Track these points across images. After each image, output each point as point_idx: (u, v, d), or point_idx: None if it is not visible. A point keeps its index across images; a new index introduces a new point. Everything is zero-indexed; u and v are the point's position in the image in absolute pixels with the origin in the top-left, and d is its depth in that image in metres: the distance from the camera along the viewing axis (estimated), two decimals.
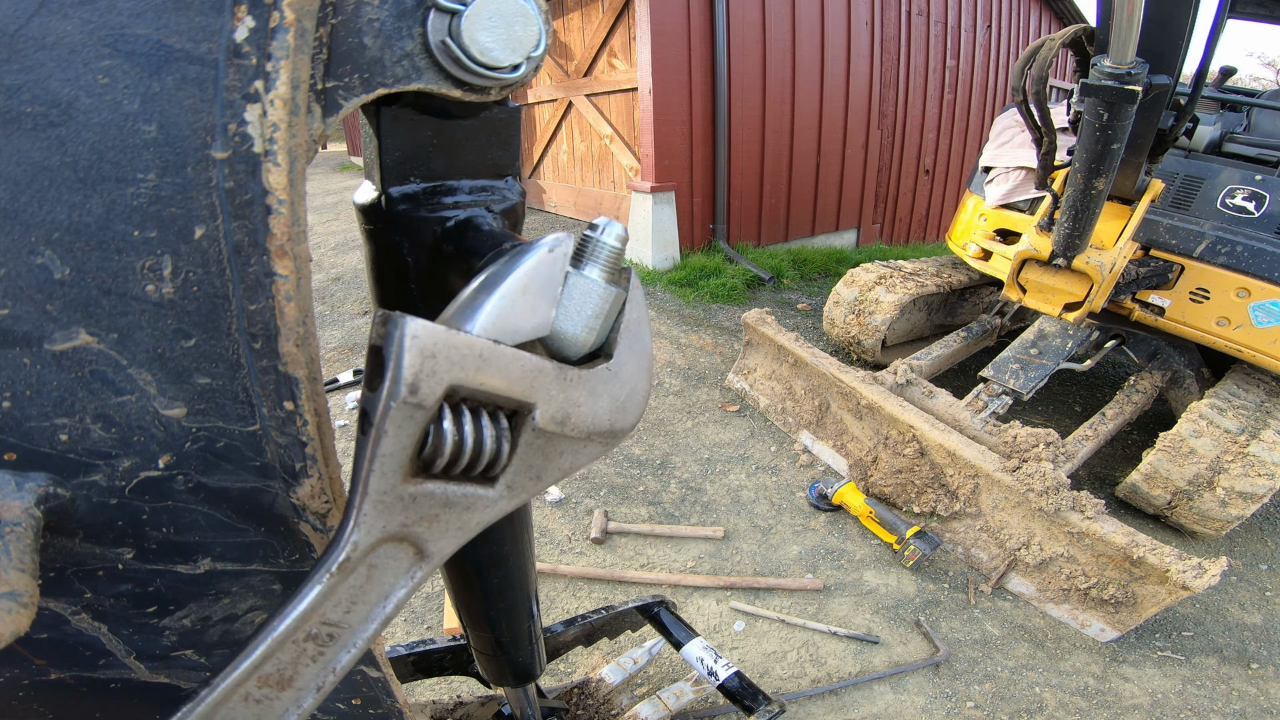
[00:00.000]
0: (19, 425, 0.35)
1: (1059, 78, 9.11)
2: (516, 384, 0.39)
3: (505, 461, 0.41)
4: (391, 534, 0.40)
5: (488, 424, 0.40)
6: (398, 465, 0.37)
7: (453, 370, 0.36)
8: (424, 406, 0.35)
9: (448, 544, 0.42)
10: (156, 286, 0.35)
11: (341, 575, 0.39)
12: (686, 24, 5.58)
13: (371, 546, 0.39)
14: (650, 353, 0.48)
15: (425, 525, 0.40)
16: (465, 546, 0.77)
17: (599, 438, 0.45)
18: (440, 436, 0.38)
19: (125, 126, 0.32)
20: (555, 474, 0.44)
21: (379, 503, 0.38)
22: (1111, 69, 1.98)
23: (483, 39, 0.39)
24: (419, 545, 0.41)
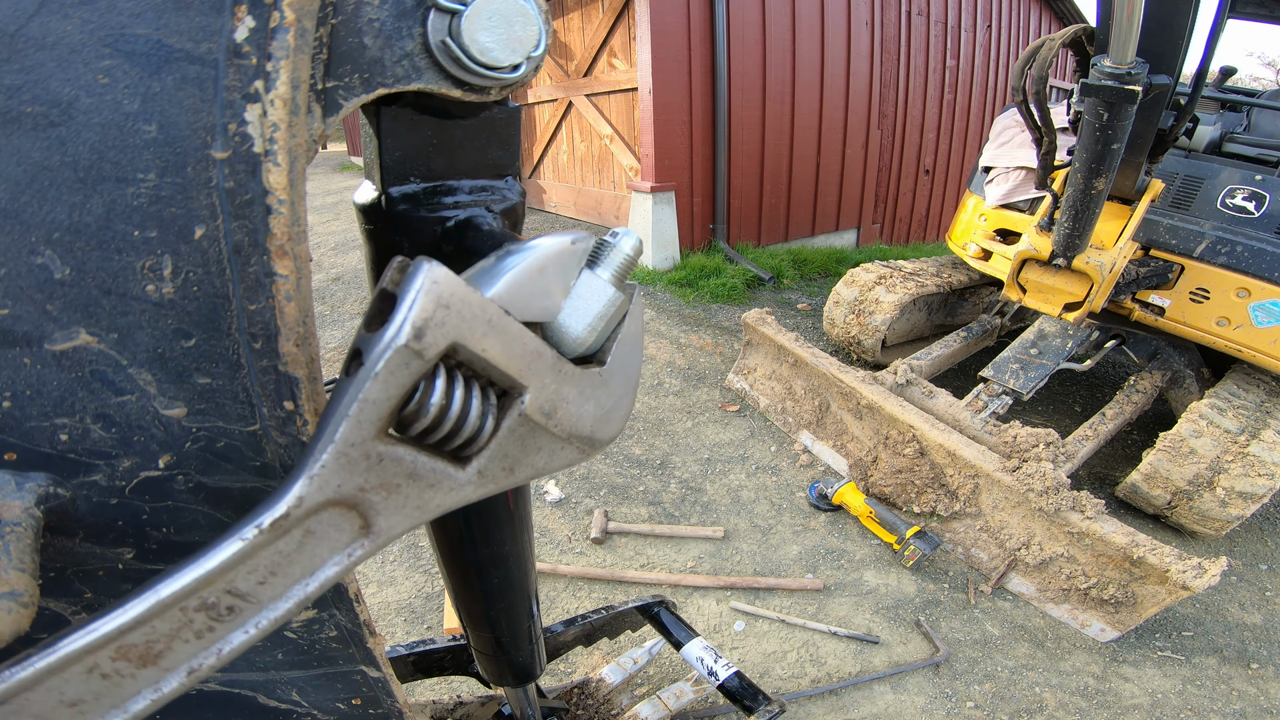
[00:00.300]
0: (19, 425, 0.35)
1: (1059, 78, 9.11)
2: (515, 361, 0.38)
3: (484, 442, 0.39)
4: (344, 497, 0.35)
5: (477, 396, 0.38)
6: (377, 417, 0.34)
7: (461, 327, 0.35)
8: (423, 357, 0.34)
9: (399, 523, 0.38)
10: (157, 286, 0.35)
11: (273, 534, 0.34)
12: (686, 24, 5.58)
13: (317, 507, 0.35)
14: (639, 371, 0.47)
15: (383, 495, 0.36)
16: (465, 546, 0.77)
17: (578, 442, 0.44)
18: (429, 393, 0.35)
19: (125, 126, 0.32)
20: (527, 471, 0.42)
21: (343, 455, 0.34)
22: (1111, 69, 1.98)
23: (483, 39, 0.39)
24: (368, 517, 0.37)
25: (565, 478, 3.26)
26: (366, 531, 0.37)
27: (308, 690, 0.58)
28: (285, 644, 0.54)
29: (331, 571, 0.37)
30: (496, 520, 0.75)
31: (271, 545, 0.34)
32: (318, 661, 0.56)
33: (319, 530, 0.36)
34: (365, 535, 0.37)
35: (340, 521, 0.36)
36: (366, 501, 0.36)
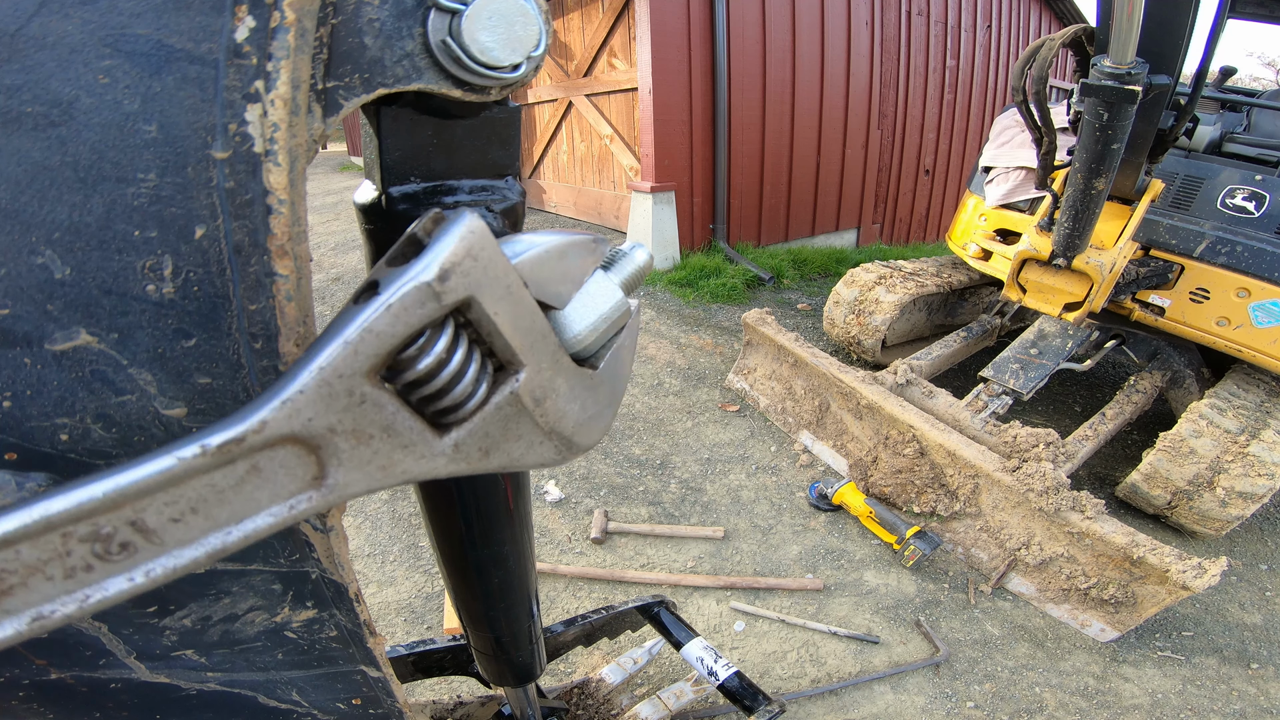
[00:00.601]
0: (20, 425, 0.35)
1: (1059, 78, 9.11)
2: (521, 335, 0.37)
3: (469, 413, 0.37)
4: (310, 434, 0.31)
5: (475, 361, 0.36)
6: (375, 351, 0.32)
7: (483, 283, 0.34)
8: (440, 301, 0.33)
9: (357, 481, 0.34)
10: (157, 286, 0.35)
11: (216, 459, 0.29)
12: (686, 24, 5.58)
13: (278, 439, 0.31)
14: (625, 387, 0.47)
15: (351, 442, 0.33)
16: (465, 546, 0.77)
17: (557, 440, 0.42)
18: (433, 341, 0.34)
19: (126, 126, 0.32)
20: (501, 458, 0.40)
21: (327, 385, 0.31)
22: (1111, 69, 1.99)
23: (483, 39, 0.39)
24: (325, 466, 0.33)
25: (565, 478, 3.26)
26: (319, 483, 0.33)
27: (308, 690, 0.58)
28: (285, 644, 0.54)
29: (264, 523, 0.31)
30: (496, 520, 0.75)
31: (207, 474, 0.29)
32: (318, 661, 0.56)
33: (267, 468, 0.31)
34: (316, 487, 0.33)
35: (294, 463, 0.32)
36: (331, 446, 0.32)
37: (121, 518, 0.27)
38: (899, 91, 8.04)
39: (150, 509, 0.28)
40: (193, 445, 0.28)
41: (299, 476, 0.32)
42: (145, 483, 0.27)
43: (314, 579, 0.50)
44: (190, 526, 0.29)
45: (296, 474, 0.32)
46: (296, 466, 0.32)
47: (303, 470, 0.32)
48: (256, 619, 0.50)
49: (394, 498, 3.02)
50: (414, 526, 2.86)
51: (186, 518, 0.29)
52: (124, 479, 0.27)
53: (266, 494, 0.31)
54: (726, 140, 6.20)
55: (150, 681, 0.49)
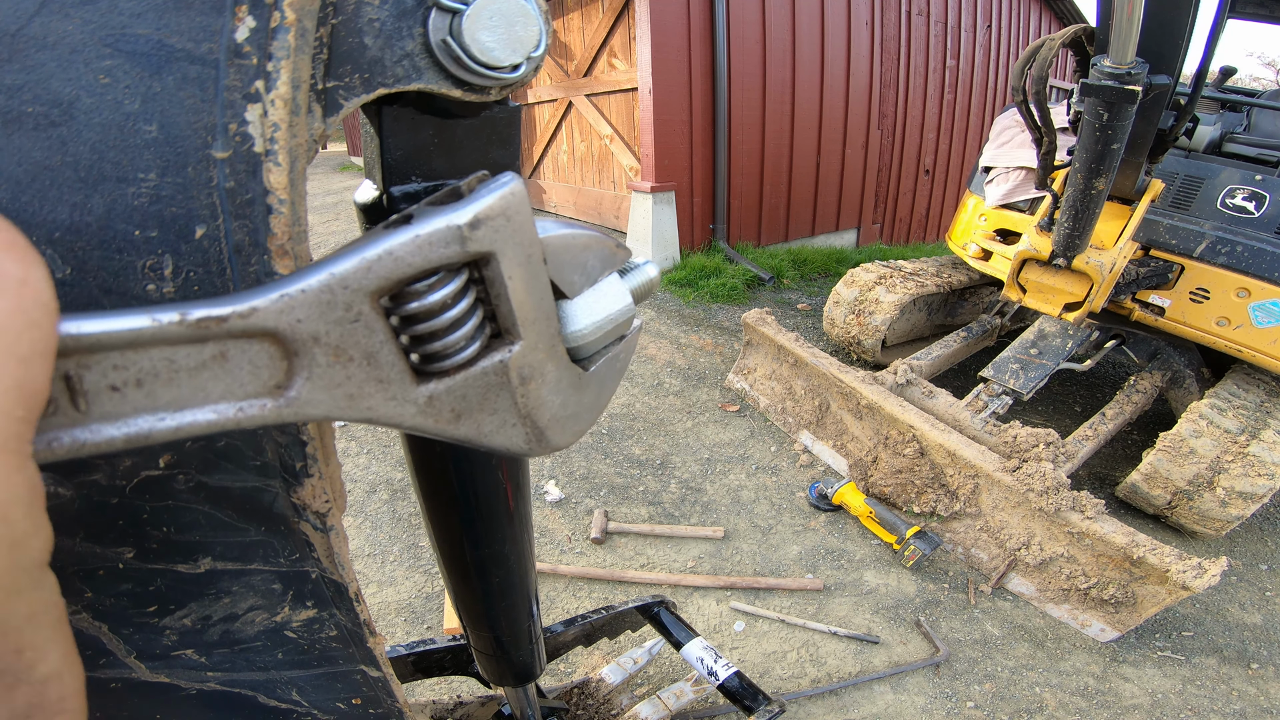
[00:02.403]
0: None
1: (1059, 78, 9.11)
2: (528, 307, 0.37)
3: (454, 367, 0.36)
4: (293, 336, 0.29)
5: (476, 318, 0.36)
6: (388, 274, 0.31)
7: (508, 243, 0.34)
8: (464, 247, 0.32)
9: (318, 403, 0.31)
10: (157, 286, 0.35)
11: (191, 331, 0.27)
12: (686, 24, 5.59)
13: (261, 331, 0.29)
14: (608, 399, 0.46)
15: (328, 359, 0.31)
16: (465, 546, 0.77)
17: (530, 429, 0.40)
18: (445, 282, 0.33)
19: (126, 126, 0.32)
20: (469, 428, 0.37)
21: (330, 291, 0.30)
22: (1111, 69, 1.99)
23: (483, 39, 0.39)
24: (293, 374, 0.30)
25: (565, 478, 3.26)
26: (278, 392, 0.30)
27: (308, 690, 0.58)
28: (285, 644, 0.54)
29: (203, 418, 0.28)
30: (496, 520, 0.75)
31: (172, 347, 0.27)
32: (318, 661, 0.56)
33: (234, 359, 0.29)
34: (274, 396, 0.30)
35: (263, 363, 0.30)
36: (308, 355, 0.30)
37: (60, 368, 0.25)
38: (899, 91, 8.04)
39: (96, 367, 0.25)
40: (171, 312, 0.26)
41: (261, 379, 0.30)
42: (107, 335, 0.25)
43: (314, 579, 0.50)
44: (125, 400, 0.26)
45: (260, 375, 0.30)
46: (264, 367, 0.30)
47: (268, 373, 0.30)
48: (256, 619, 0.50)
49: (394, 497, 3.03)
50: (414, 526, 2.86)
51: (127, 389, 0.26)
52: (86, 325, 0.25)
53: (221, 387, 0.29)
54: (726, 140, 6.20)
55: (150, 681, 0.49)
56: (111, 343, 0.25)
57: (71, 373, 0.25)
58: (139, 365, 0.26)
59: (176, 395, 0.28)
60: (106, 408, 0.26)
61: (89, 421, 0.26)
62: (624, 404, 3.97)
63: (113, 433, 0.26)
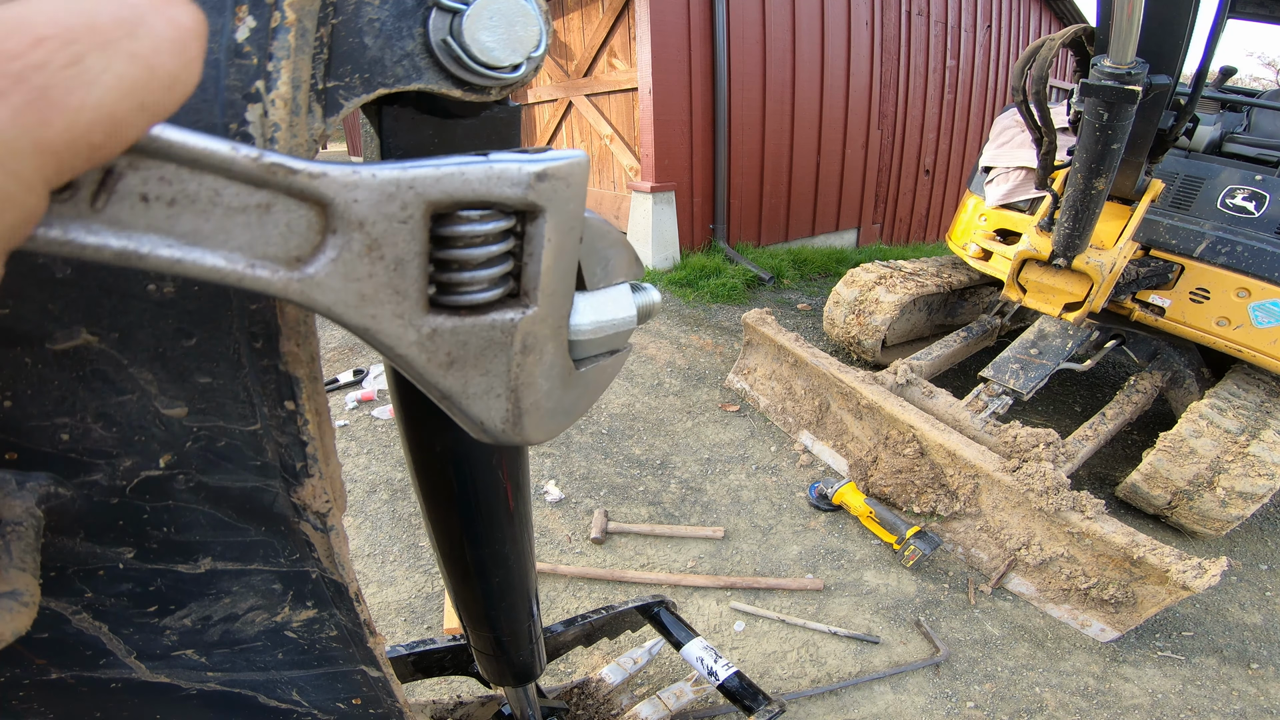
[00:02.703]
0: (20, 425, 0.35)
1: (1059, 78, 9.11)
2: (555, 279, 0.37)
3: (469, 306, 0.35)
4: (342, 213, 0.29)
5: (506, 265, 0.36)
6: (448, 192, 0.31)
7: (560, 206, 0.35)
8: (523, 195, 0.33)
9: (328, 291, 0.30)
10: (157, 285, 0.35)
11: (257, 172, 0.26)
12: (686, 24, 5.59)
13: (318, 198, 0.28)
14: (585, 408, 0.45)
15: (360, 249, 0.30)
16: (465, 546, 0.77)
17: (508, 405, 0.39)
18: (492, 219, 0.33)
19: None
20: (456, 379, 0.36)
21: (394, 185, 0.30)
22: (1111, 69, 1.99)
23: (484, 39, 0.39)
24: (317, 252, 0.29)
25: (565, 478, 3.26)
26: (295, 264, 0.29)
27: (308, 690, 0.58)
28: (285, 644, 0.54)
29: (208, 262, 0.27)
30: (496, 520, 0.75)
31: (229, 181, 0.26)
32: (318, 661, 0.56)
33: (275, 215, 0.28)
34: (289, 266, 0.29)
35: (299, 229, 0.29)
36: (345, 237, 0.29)
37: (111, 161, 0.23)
38: (899, 91, 8.04)
39: (144, 172, 0.25)
40: (250, 149, 0.26)
41: (288, 245, 0.29)
42: (183, 147, 0.24)
43: (314, 579, 0.50)
44: (146, 214, 0.25)
45: (289, 241, 0.29)
46: (297, 234, 0.29)
47: (297, 242, 0.29)
48: (256, 619, 0.50)
49: (394, 497, 3.03)
50: (414, 526, 2.86)
51: (156, 205, 0.25)
52: (170, 131, 0.24)
53: (246, 237, 0.28)
54: (726, 140, 6.20)
55: (150, 681, 0.49)
56: (181, 155, 0.25)
57: (118, 168, 0.24)
58: (186, 186, 0.26)
59: (198, 228, 0.26)
60: (122, 215, 0.25)
61: (93, 221, 0.24)
62: (624, 404, 3.98)
63: (109, 242, 0.24)
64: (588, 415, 3.81)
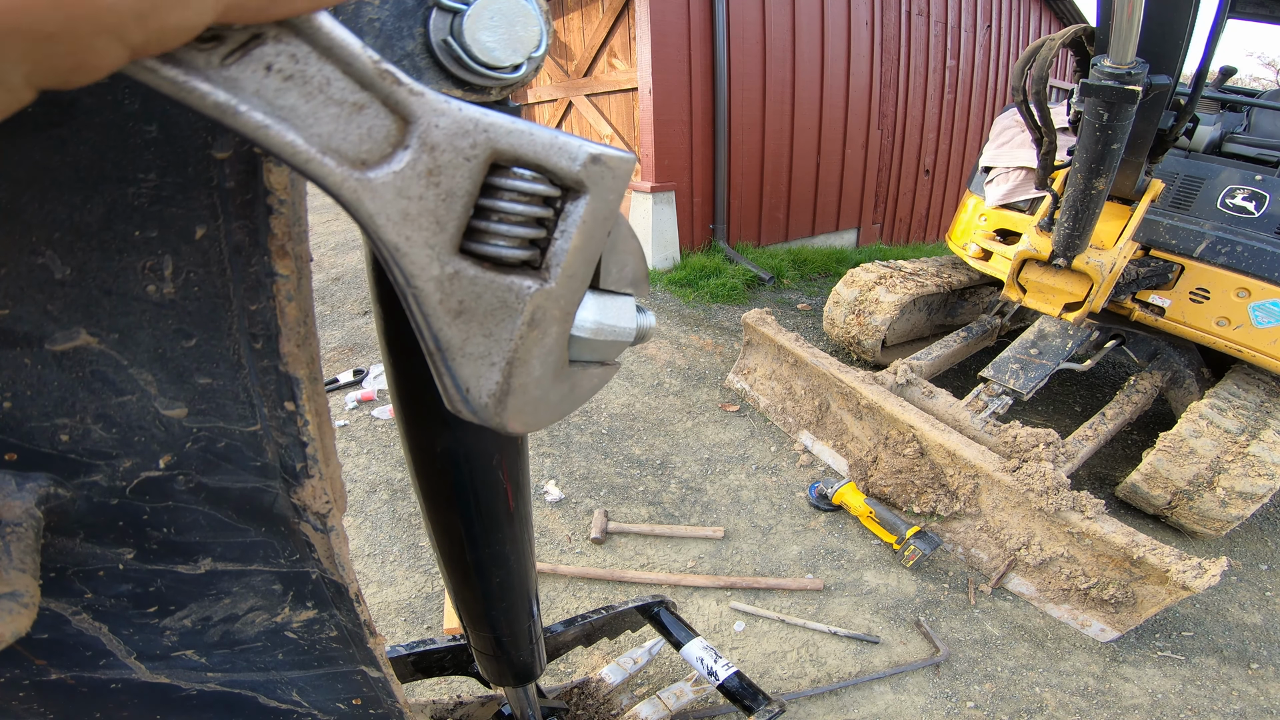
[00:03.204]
0: (20, 425, 0.35)
1: (1059, 78, 9.11)
2: (578, 261, 0.38)
3: (493, 258, 0.36)
4: (423, 133, 0.31)
5: (539, 232, 0.37)
6: (514, 146, 0.33)
7: (603, 193, 0.37)
8: (573, 168, 0.35)
9: (377, 202, 0.31)
10: (157, 286, 0.35)
11: (371, 75, 0.29)
12: (686, 24, 5.58)
13: (405, 111, 0.31)
14: (567, 410, 0.45)
15: (422, 171, 0.32)
16: (465, 546, 0.77)
17: (500, 377, 0.39)
18: (539, 182, 0.35)
19: (126, 126, 0.32)
20: (459, 330, 0.36)
21: (473, 123, 0.32)
22: (1111, 69, 1.98)
23: (484, 39, 0.39)
24: (383, 163, 0.31)
25: (565, 478, 3.26)
26: (359, 165, 0.31)
27: (308, 690, 0.58)
28: (285, 644, 0.54)
29: (287, 137, 0.28)
30: (496, 520, 0.75)
31: (345, 74, 0.29)
32: (318, 661, 0.56)
33: (364, 116, 0.30)
34: (351, 165, 0.31)
35: (378, 136, 0.31)
36: (413, 155, 0.31)
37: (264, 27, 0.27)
38: (899, 91, 8.04)
39: (282, 44, 0.28)
40: (374, 52, 0.29)
41: (361, 145, 0.31)
42: (327, 33, 0.28)
43: (314, 579, 0.50)
44: (260, 81, 0.28)
45: (364, 143, 0.31)
46: (374, 140, 0.31)
47: (370, 147, 0.31)
48: (257, 619, 0.50)
49: (394, 497, 3.02)
50: (414, 526, 2.86)
51: (272, 76, 0.28)
52: (326, 20, 0.28)
53: (328, 129, 0.30)
54: (726, 140, 6.20)
55: (150, 682, 0.49)
56: (323, 39, 0.28)
57: (265, 35, 0.27)
58: (307, 68, 0.28)
59: (295, 108, 0.29)
60: (241, 77, 0.27)
61: (214, 74, 0.27)
62: (624, 404, 3.97)
63: (218, 95, 0.27)
64: (588, 415, 3.81)
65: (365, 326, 4.77)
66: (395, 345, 0.60)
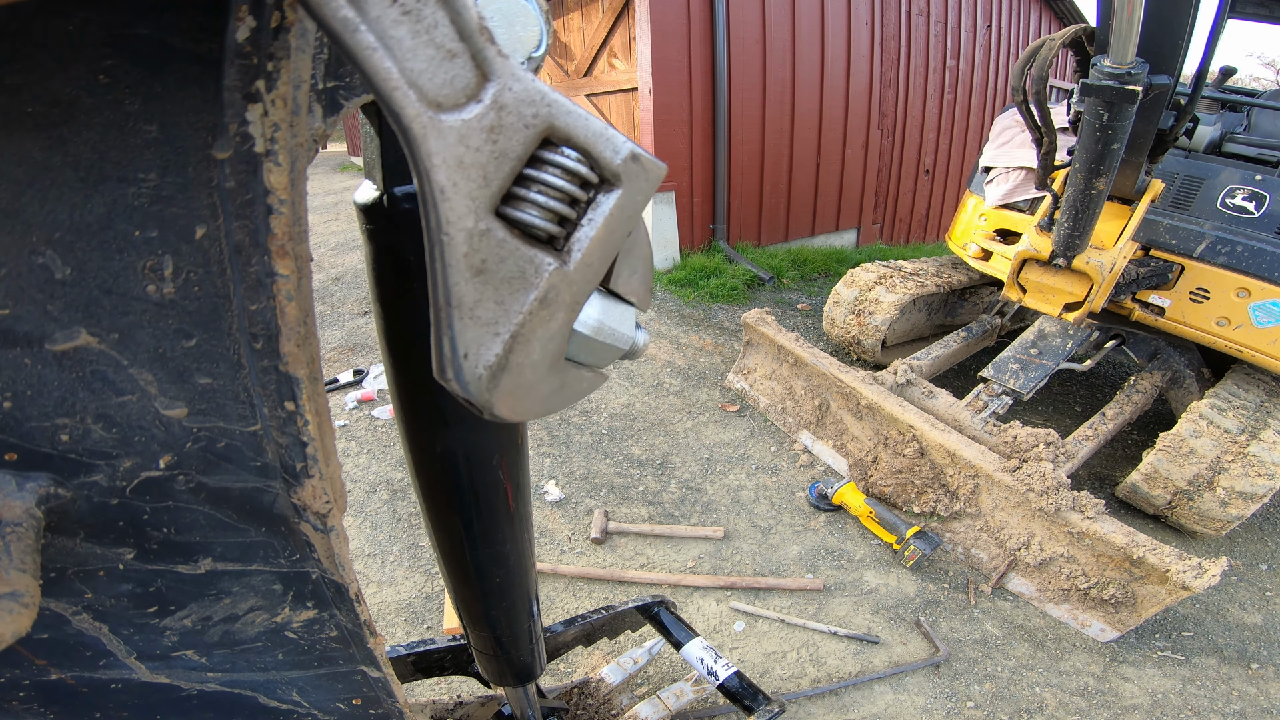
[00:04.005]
0: (20, 425, 0.35)
1: (1059, 78, 9.11)
2: (598, 252, 0.40)
3: (521, 224, 0.37)
4: (496, 93, 0.34)
5: (570, 212, 0.39)
6: (568, 126, 0.36)
7: (635, 192, 0.39)
8: (614, 161, 0.37)
9: (437, 141, 0.34)
10: (157, 286, 0.35)
11: (468, 23, 0.33)
12: (686, 24, 5.58)
13: (489, 69, 0.34)
14: (549, 408, 0.45)
15: (486, 126, 0.34)
16: (465, 546, 0.77)
17: (502, 350, 0.38)
18: (580, 164, 0.37)
19: (127, 126, 0.32)
20: (472, 290, 0.37)
21: (540, 95, 0.35)
22: (1111, 69, 1.98)
23: None
24: (454, 109, 0.34)
25: (565, 478, 3.26)
26: (436, 106, 0.34)
27: (308, 690, 0.58)
28: (286, 644, 0.54)
29: (388, 67, 0.32)
30: (496, 520, 0.75)
31: (450, 23, 0.33)
32: (318, 662, 0.56)
33: (455, 64, 0.34)
34: (429, 105, 0.34)
35: (458, 84, 0.34)
36: (482, 108, 0.34)
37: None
38: (899, 91, 8.04)
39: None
40: (482, 12, 0.34)
41: (441, 89, 0.33)
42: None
43: (314, 579, 0.50)
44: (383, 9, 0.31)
45: (444, 88, 0.33)
46: (453, 86, 0.34)
47: (448, 92, 0.33)
48: (257, 619, 0.50)
49: (394, 497, 3.02)
50: (414, 526, 2.86)
51: (394, 9, 0.31)
52: None
53: (421, 66, 0.33)
54: (726, 140, 6.19)
55: (150, 682, 0.49)
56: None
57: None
58: (425, 9, 0.32)
59: (401, 40, 0.32)
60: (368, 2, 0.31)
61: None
62: (624, 404, 3.97)
63: (345, 11, 0.30)
64: (588, 415, 3.81)
65: (365, 326, 4.77)
66: (395, 345, 0.60)
